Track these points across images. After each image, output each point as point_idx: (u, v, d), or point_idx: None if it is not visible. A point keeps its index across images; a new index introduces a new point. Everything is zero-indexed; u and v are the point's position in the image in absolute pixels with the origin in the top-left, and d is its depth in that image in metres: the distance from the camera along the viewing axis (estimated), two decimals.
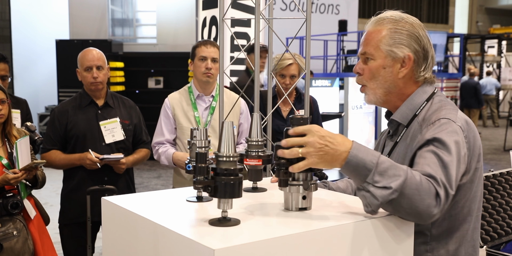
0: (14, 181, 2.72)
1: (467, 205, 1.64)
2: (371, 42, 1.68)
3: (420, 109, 1.68)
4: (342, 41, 13.33)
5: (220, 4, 2.02)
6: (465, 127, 1.60)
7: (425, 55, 1.68)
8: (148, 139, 3.50)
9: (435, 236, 1.63)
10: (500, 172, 2.70)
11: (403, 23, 1.67)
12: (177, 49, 10.53)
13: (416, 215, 1.39)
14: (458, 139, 1.53)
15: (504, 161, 10.07)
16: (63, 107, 3.34)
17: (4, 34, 11.43)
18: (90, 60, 3.26)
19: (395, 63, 1.67)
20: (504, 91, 19.04)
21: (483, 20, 26.56)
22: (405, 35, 1.66)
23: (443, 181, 1.42)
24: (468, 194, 1.63)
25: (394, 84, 1.69)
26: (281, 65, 3.54)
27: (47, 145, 3.30)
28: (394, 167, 1.38)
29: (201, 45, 3.23)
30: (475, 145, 1.62)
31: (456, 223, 1.64)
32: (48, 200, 6.35)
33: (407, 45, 1.66)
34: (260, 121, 1.63)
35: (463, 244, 1.65)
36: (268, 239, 1.21)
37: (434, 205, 1.38)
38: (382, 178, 1.36)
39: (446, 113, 1.61)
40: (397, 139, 1.71)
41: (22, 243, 2.78)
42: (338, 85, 8.79)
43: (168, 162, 3.17)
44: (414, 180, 1.37)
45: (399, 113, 1.71)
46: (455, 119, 1.59)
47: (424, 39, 1.68)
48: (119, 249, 1.54)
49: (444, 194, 1.40)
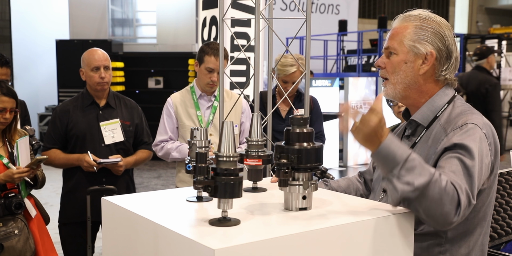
0: (18, 176, 2.71)
1: (483, 210, 1.65)
2: (396, 37, 1.69)
3: (442, 111, 1.68)
4: (342, 41, 13.32)
5: (220, 4, 2.03)
6: (489, 133, 1.60)
7: (448, 55, 1.68)
8: (150, 140, 3.48)
9: (450, 239, 1.63)
10: (500, 172, 2.70)
11: (430, 21, 1.68)
12: (177, 49, 10.53)
13: (435, 219, 1.41)
14: (482, 147, 1.54)
15: (504, 161, 10.06)
16: (65, 106, 3.34)
17: (4, 34, 11.44)
18: (98, 60, 3.24)
19: (417, 58, 1.67)
20: (504, 91, 19.04)
21: (483, 20, 26.55)
22: (430, 32, 1.66)
23: (467, 190, 1.43)
24: (485, 199, 1.64)
25: (415, 80, 1.69)
26: (284, 72, 3.49)
27: (48, 144, 3.30)
28: (422, 167, 1.40)
29: (211, 55, 3.19)
30: (497, 152, 1.63)
31: (471, 227, 1.64)
32: (48, 200, 6.35)
33: (430, 42, 1.66)
34: (260, 121, 1.63)
35: (474, 249, 1.66)
36: (268, 239, 1.21)
37: (454, 213, 1.40)
38: (407, 174, 1.39)
39: (472, 118, 1.61)
40: (416, 140, 1.70)
41: (24, 242, 2.78)
42: (338, 85, 8.79)
43: (182, 155, 3.17)
44: (439, 184, 1.39)
45: (420, 114, 1.71)
46: (481, 126, 1.59)
47: (450, 39, 1.68)
48: (119, 249, 1.54)
49: (467, 202, 1.42)
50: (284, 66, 3.48)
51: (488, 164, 1.56)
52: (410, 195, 1.38)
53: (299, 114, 1.49)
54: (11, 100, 2.82)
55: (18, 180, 2.76)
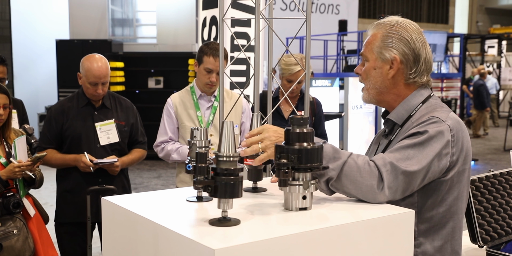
0: (19, 170, 2.71)
1: (455, 203, 1.70)
2: (368, 45, 1.80)
3: (415, 110, 1.75)
4: (342, 41, 13.33)
5: (220, 4, 2.02)
6: (454, 127, 1.65)
7: (416, 58, 1.74)
8: (145, 139, 3.50)
9: (422, 232, 1.69)
10: (500, 172, 2.70)
11: (397, 27, 1.75)
12: (177, 49, 10.53)
13: (363, 195, 1.50)
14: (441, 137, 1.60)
15: (504, 161, 10.07)
16: (60, 106, 3.32)
17: (4, 34, 11.43)
18: (97, 76, 3.18)
19: (384, 64, 1.76)
20: (504, 91, 19.04)
21: (483, 20, 26.57)
22: (395, 38, 1.74)
23: (394, 164, 1.51)
24: (455, 193, 1.69)
25: (384, 84, 1.77)
26: (289, 71, 3.48)
27: (43, 144, 3.28)
28: (337, 151, 1.52)
29: (209, 55, 3.18)
30: (463, 146, 1.67)
31: (443, 220, 1.70)
32: (48, 200, 6.35)
33: (395, 48, 1.74)
34: (260, 121, 1.63)
35: (449, 241, 1.72)
36: (268, 239, 1.21)
37: (377, 186, 1.48)
38: (324, 161, 1.48)
39: (437, 112, 1.68)
40: (391, 138, 1.78)
41: (23, 242, 2.78)
42: (338, 85, 8.78)
43: (182, 157, 3.18)
44: (355, 163, 1.50)
45: (395, 113, 1.78)
46: (445, 119, 1.65)
47: (417, 43, 1.74)
48: (119, 249, 1.54)
49: (392, 176, 1.50)
50: (288, 65, 3.48)
51: (447, 155, 1.61)
52: (329, 175, 1.49)
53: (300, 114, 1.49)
54: (3, 96, 2.82)
55: (20, 174, 2.75)
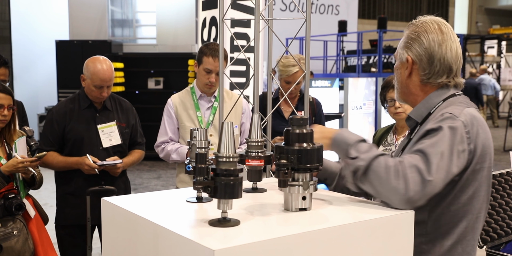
0: (22, 165, 2.70)
1: (469, 202, 1.64)
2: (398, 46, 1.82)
3: (435, 108, 1.70)
4: (342, 42, 13.34)
5: (220, 4, 2.03)
6: (469, 122, 1.59)
7: (430, 59, 1.69)
8: (143, 140, 3.50)
9: (433, 229, 1.64)
10: (500, 172, 2.70)
11: (418, 28, 1.72)
12: (177, 50, 10.52)
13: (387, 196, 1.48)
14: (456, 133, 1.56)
15: (504, 161, 10.05)
16: (61, 108, 3.28)
17: (4, 35, 11.43)
18: (104, 80, 3.15)
19: (403, 65, 1.77)
20: (504, 91, 19.03)
21: (483, 20, 26.57)
22: (412, 39, 1.72)
23: (418, 167, 1.49)
24: (470, 192, 1.63)
25: (403, 84, 1.78)
26: (287, 72, 3.48)
27: (45, 146, 3.24)
28: (371, 148, 1.56)
29: (209, 56, 3.19)
30: (477, 143, 1.60)
31: (455, 219, 1.64)
32: (48, 200, 6.34)
33: (410, 49, 1.72)
34: (260, 121, 1.63)
35: (460, 242, 1.65)
36: (268, 239, 1.21)
37: (403, 188, 1.46)
38: (356, 152, 1.55)
39: (452, 108, 1.63)
40: (412, 136, 1.74)
41: (23, 243, 2.78)
42: (338, 86, 8.78)
43: (181, 158, 3.18)
44: (385, 161, 1.50)
45: (415, 111, 1.77)
46: (458, 114, 1.60)
47: (432, 43, 1.68)
48: (119, 249, 1.54)
49: (418, 178, 1.47)
50: (286, 67, 3.47)
51: (464, 152, 1.56)
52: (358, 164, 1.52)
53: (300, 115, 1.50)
54: (7, 97, 2.82)
55: (22, 170, 2.74)
